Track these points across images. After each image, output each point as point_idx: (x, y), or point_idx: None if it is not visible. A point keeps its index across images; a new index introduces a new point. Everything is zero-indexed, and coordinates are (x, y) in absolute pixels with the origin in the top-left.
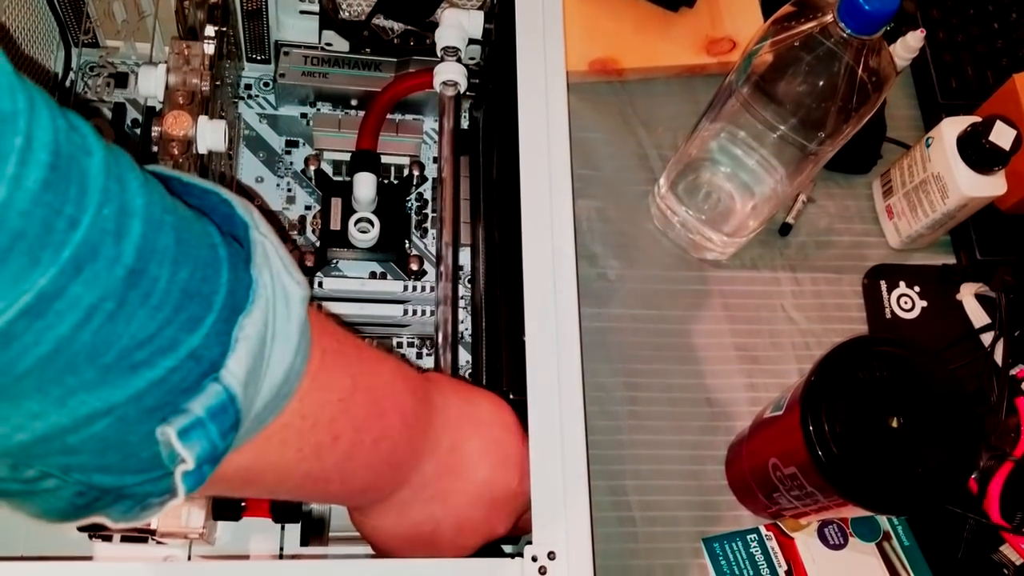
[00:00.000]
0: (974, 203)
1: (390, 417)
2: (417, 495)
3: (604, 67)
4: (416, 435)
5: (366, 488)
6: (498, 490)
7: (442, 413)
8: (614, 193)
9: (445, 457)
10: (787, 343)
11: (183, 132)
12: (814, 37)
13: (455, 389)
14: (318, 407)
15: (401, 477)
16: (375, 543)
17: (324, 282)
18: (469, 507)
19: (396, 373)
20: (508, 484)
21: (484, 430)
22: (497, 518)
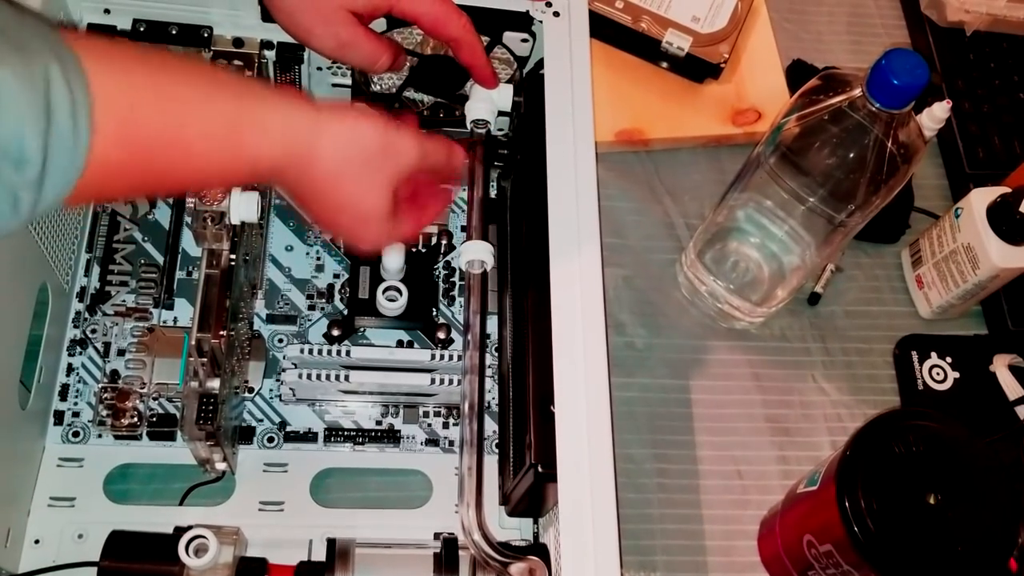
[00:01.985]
0: (1005, 274)
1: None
2: (281, 181)
3: (631, 137)
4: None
5: (223, 178)
6: (318, 219)
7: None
8: (641, 262)
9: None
10: (819, 415)
11: (217, 204)
12: (843, 110)
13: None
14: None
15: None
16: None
17: (352, 351)
18: (331, 208)
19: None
20: (326, 224)
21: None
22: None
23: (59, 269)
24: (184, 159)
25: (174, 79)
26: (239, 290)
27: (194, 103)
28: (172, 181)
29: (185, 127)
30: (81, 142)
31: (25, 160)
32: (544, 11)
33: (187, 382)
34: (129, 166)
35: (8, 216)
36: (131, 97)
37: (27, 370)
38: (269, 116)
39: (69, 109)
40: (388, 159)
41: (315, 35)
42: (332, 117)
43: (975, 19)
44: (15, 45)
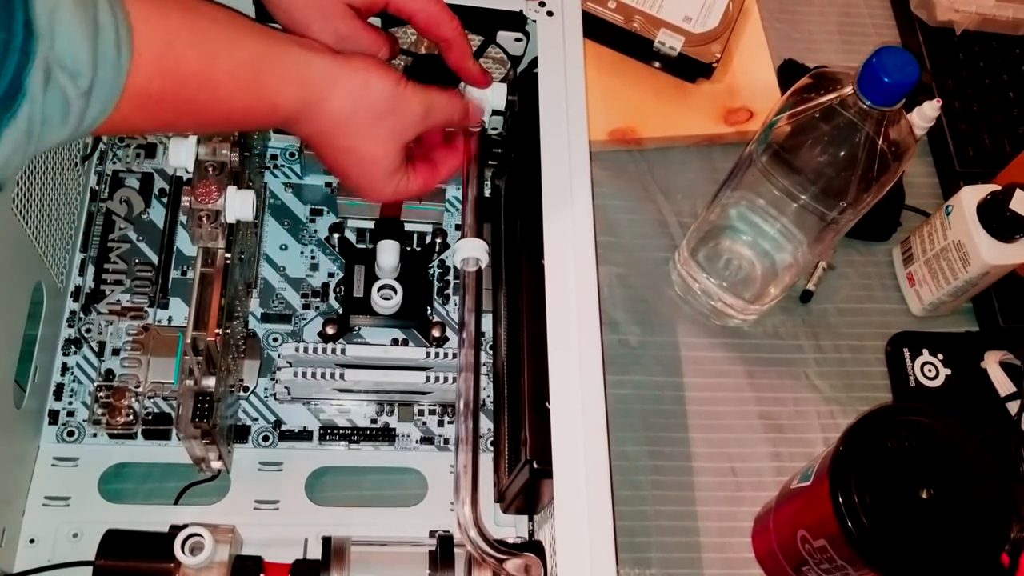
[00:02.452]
0: (996, 271)
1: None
2: (297, 128)
3: (624, 136)
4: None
5: (247, 119)
6: (337, 175)
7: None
8: (635, 260)
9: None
10: (811, 411)
11: (212, 203)
12: (834, 108)
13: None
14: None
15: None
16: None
17: (347, 349)
18: (342, 158)
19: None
20: (339, 176)
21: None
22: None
23: (54, 268)
24: (214, 96)
25: (206, 20)
26: (234, 289)
27: (224, 44)
28: (203, 117)
29: (215, 66)
30: (123, 61)
31: (78, 72)
32: (538, 11)
33: (182, 381)
34: (165, 98)
35: (58, 124)
36: (169, 33)
37: (22, 370)
38: (288, 63)
39: (113, 28)
40: (396, 114)
41: (313, 30)
42: (346, 68)
43: (964, 18)
44: None
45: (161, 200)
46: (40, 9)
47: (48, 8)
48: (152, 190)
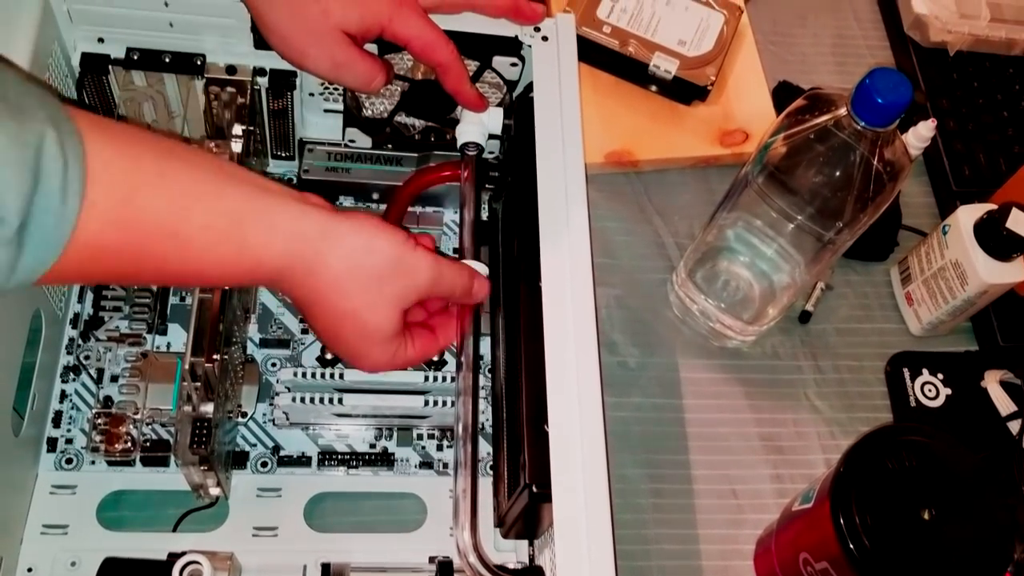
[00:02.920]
0: (994, 290)
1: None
2: (283, 288)
3: (620, 159)
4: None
5: (223, 276)
6: (323, 338)
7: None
8: (632, 281)
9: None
10: (812, 432)
11: None
12: (828, 129)
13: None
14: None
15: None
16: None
17: (345, 373)
18: (311, 325)
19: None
20: (331, 345)
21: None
22: (337, 352)
23: (53, 296)
24: (182, 251)
25: (182, 167)
26: (232, 314)
27: (201, 194)
28: (166, 273)
29: (188, 218)
30: (69, 210)
31: (4, 218)
32: (533, 36)
33: (180, 407)
34: (124, 250)
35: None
36: (134, 179)
37: (20, 397)
38: (279, 216)
39: (60, 175)
40: (400, 277)
41: (310, 56)
42: (346, 225)
43: (958, 39)
44: (14, 109)
45: None
46: None
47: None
48: None
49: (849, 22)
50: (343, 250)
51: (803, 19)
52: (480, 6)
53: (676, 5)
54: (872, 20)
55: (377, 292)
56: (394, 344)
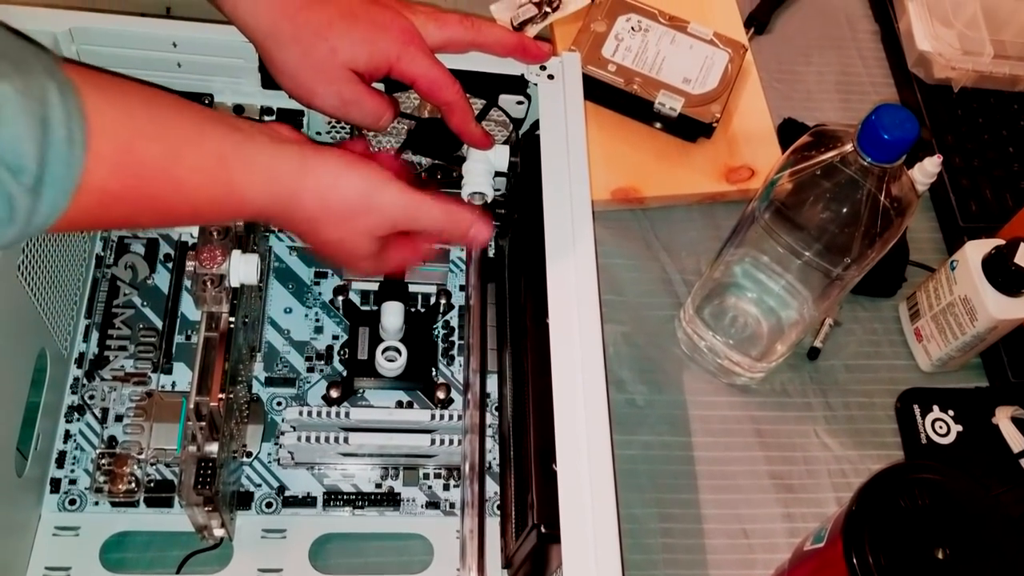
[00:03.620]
0: (1004, 326)
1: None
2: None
3: (626, 195)
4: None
5: (214, 213)
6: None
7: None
8: (640, 318)
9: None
10: (823, 470)
11: (217, 267)
12: (835, 166)
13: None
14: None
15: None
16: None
17: (351, 412)
18: (316, 246)
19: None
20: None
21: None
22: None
23: (58, 335)
24: (178, 192)
25: (169, 113)
26: (238, 353)
27: (188, 137)
28: (166, 213)
29: (179, 160)
30: (76, 155)
31: (22, 167)
32: (539, 74)
33: (185, 447)
34: (127, 195)
35: (5, 222)
36: (129, 128)
37: (24, 437)
38: (256, 156)
39: (65, 123)
40: (370, 212)
41: (318, 94)
42: (317, 163)
43: (962, 76)
44: (15, 65)
45: (166, 265)
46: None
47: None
48: (157, 255)
49: (853, 59)
50: (314, 188)
51: (807, 56)
52: (487, 45)
53: (680, 43)
54: (876, 57)
55: (350, 227)
56: (376, 259)
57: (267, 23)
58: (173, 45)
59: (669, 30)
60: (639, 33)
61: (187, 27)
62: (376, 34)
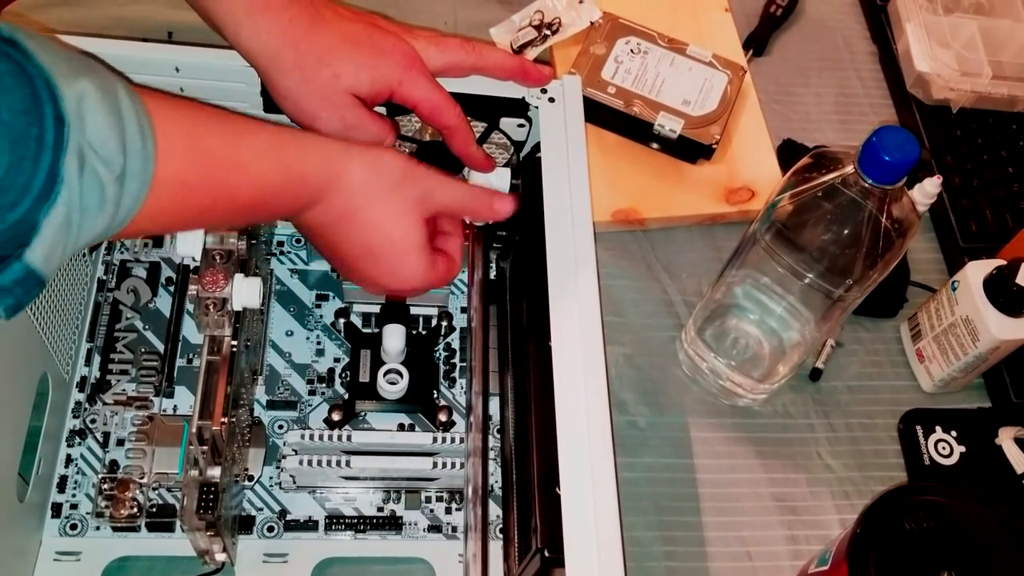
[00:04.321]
0: (1006, 346)
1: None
2: (312, 230)
3: (627, 217)
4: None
5: (278, 197)
6: (362, 268)
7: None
8: (641, 340)
9: (323, 219)
10: (825, 492)
11: (219, 291)
12: (835, 187)
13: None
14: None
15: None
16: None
17: (353, 435)
18: (348, 258)
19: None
20: (370, 271)
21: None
22: (368, 279)
23: (60, 359)
24: (247, 179)
25: (217, 113)
26: (240, 376)
27: (245, 129)
28: (236, 202)
29: (240, 148)
30: (149, 150)
31: (110, 158)
32: (539, 97)
33: (187, 471)
34: (198, 184)
35: (96, 211)
36: (191, 123)
37: (26, 462)
38: (306, 141)
39: (135, 119)
40: (412, 184)
41: (321, 119)
42: (358, 146)
43: (960, 97)
44: (89, 67)
45: (168, 288)
46: (68, 98)
47: (76, 96)
48: (159, 279)
49: (852, 80)
50: (359, 164)
51: (806, 78)
52: (488, 69)
53: (680, 66)
54: (875, 78)
55: (398, 198)
56: (425, 255)
57: (269, 49)
58: (176, 70)
59: (668, 52)
60: (638, 55)
61: (189, 52)
62: (378, 59)
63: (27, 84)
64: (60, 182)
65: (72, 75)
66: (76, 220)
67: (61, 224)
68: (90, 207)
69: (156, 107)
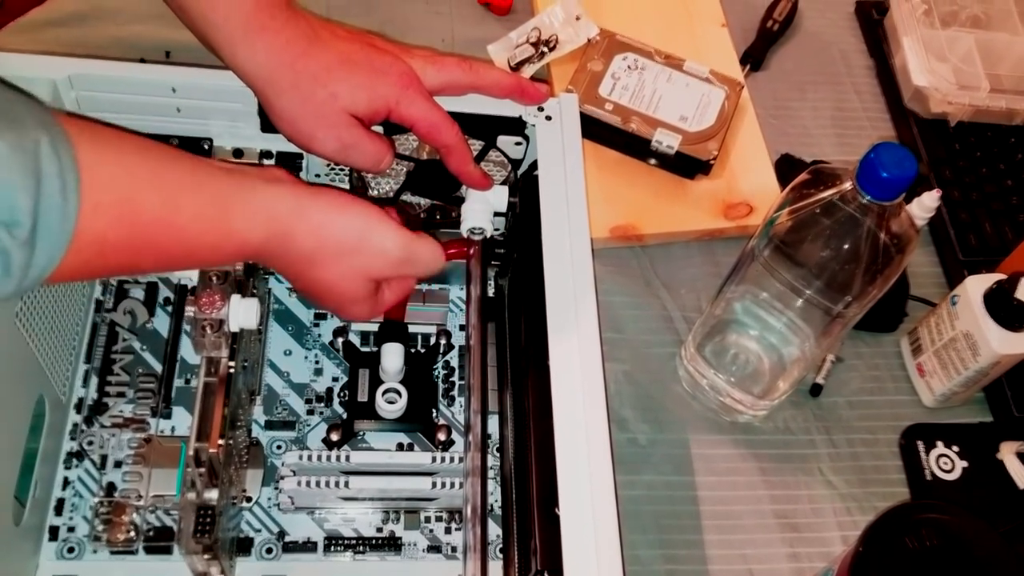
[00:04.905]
0: (1006, 360)
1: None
2: (265, 261)
3: (625, 233)
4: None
5: (213, 257)
6: (311, 298)
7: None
8: (641, 356)
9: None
10: (828, 509)
11: (216, 312)
12: (834, 203)
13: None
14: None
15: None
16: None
17: (351, 456)
18: (311, 288)
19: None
20: (314, 300)
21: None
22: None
23: (57, 381)
24: (178, 239)
25: (165, 161)
26: (237, 397)
27: (187, 187)
28: (164, 261)
29: (178, 208)
30: (71, 207)
31: (16, 221)
32: (537, 115)
33: (184, 493)
34: (127, 244)
35: (1, 277)
36: (128, 178)
37: (22, 485)
38: (254, 200)
39: (58, 176)
40: (365, 253)
41: (318, 139)
42: (311, 204)
43: (958, 110)
44: (6, 118)
45: (165, 309)
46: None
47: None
48: (156, 299)
49: (849, 95)
50: (310, 226)
51: (803, 92)
52: (485, 88)
53: (677, 82)
54: (872, 92)
55: (346, 265)
56: (370, 302)
57: (266, 70)
58: (172, 90)
59: (665, 68)
60: (635, 72)
61: (186, 73)
62: (375, 79)
63: None
64: None
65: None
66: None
67: None
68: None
69: (96, 160)
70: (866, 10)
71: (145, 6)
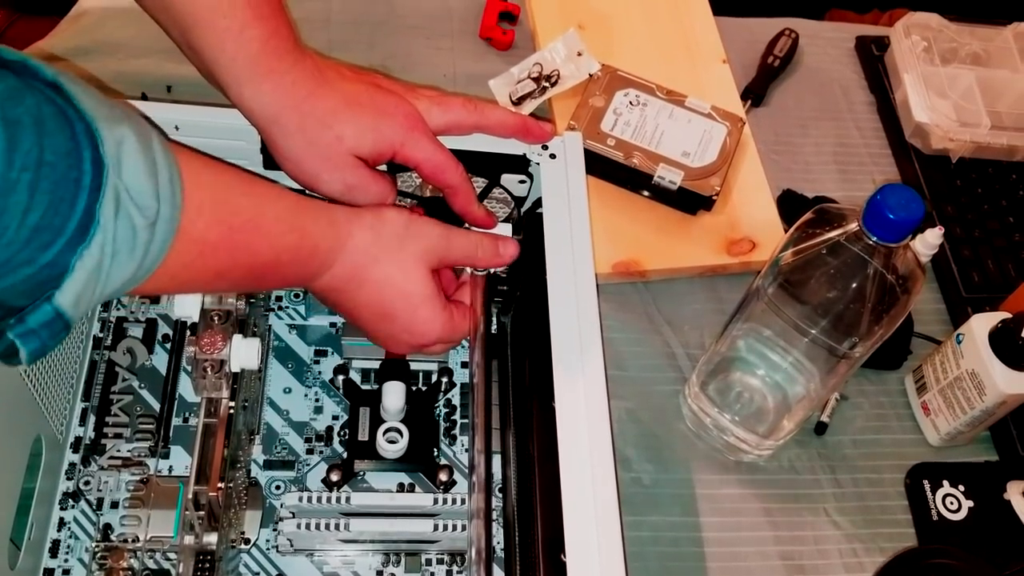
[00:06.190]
0: (1012, 400)
1: (261, 257)
2: (325, 295)
3: (627, 269)
4: (299, 265)
5: (293, 261)
6: (380, 328)
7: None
8: (644, 394)
9: (338, 282)
10: (833, 550)
11: (217, 352)
12: (840, 244)
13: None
14: (187, 276)
15: (300, 281)
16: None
17: (351, 497)
18: (365, 321)
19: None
20: (388, 329)
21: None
22: (389, 338)
23: (54, 421)
24: (265, 242)
25: (244, 174)
26: (237, 438)
27: (263, 193)
28: (254, 265)
29: (264, 212)
30: (177, 200)
31: (144, 203)
32: (541, 154)
33: (182, 536)
34: (223, 244)
35: (127, 255)
36: (221, 181)
37: (18, 526)
38: (316, 206)
39: (168, 170)
40: (416, 238)
41: (322, 180)
42: (362, 209)
43: (959, 147)
44: (124, 113)
45: (164, 346)
46: (108, 142)
47: (115, 141)
48: (156, 336)
49: (850, 131)
50: (363, 226)
51: (804, 128)
52: (490, 127)
53: (679, 117)
54: (873, 128)
55: (404, 254)
56: (439, 305)
57: (272, 111)
58: (175, 128)
59: (667, 104)
60: (637, 107)
61: (189, 111)
62: (381, 121)
63: (68, 127)
64: (96, 224)
65: (112, 120)
66: (107, 264)
67: (93, 267)
68: (121, 251)
69: (187, 163)
70: (866, 46)
71: (147, 40)
